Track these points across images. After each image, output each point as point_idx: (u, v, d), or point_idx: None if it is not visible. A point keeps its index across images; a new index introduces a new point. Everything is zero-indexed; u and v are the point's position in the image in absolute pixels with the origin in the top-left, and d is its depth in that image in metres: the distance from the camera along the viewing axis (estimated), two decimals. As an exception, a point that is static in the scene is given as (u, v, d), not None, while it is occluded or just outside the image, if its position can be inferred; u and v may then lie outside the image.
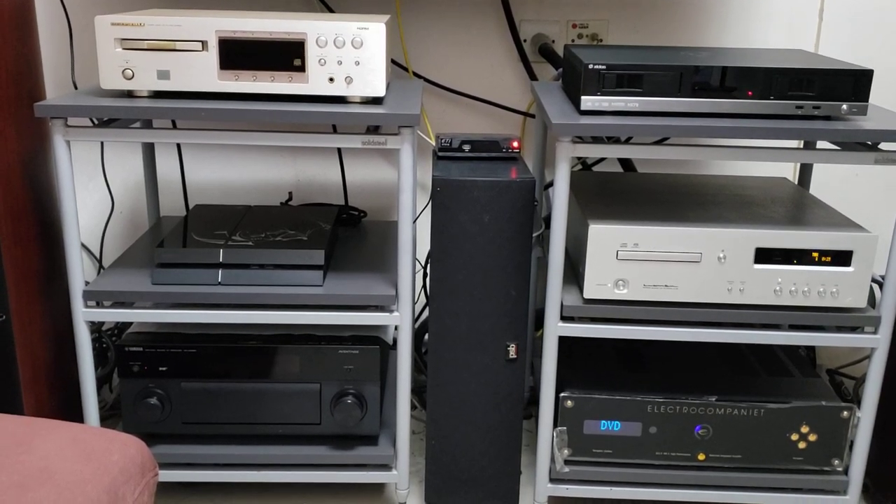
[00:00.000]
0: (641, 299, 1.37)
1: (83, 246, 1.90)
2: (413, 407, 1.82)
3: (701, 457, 1.45)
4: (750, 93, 1.31)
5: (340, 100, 1.35)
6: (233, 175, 1.90)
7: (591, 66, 1.30)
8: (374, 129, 1.42)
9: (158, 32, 1.29)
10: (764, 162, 1.88)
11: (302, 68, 1.31)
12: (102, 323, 1.75)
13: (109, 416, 1.74)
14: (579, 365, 1.57)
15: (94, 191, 1.90)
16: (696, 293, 1.36)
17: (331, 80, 1.31)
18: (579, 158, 1.87)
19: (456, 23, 1.82)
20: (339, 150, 1.88)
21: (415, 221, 1.73)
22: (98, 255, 1.92)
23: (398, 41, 1.82)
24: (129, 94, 1.34)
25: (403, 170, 1.34)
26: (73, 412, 1.57)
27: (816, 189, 1.89)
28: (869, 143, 1.34)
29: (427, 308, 1.89)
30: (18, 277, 1.41)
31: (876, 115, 1.39)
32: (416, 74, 1.84)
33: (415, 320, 1.78)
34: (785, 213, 1.46)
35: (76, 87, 1.74)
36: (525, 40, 1.82)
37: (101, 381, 1.69)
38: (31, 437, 0.94)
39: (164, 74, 1.31)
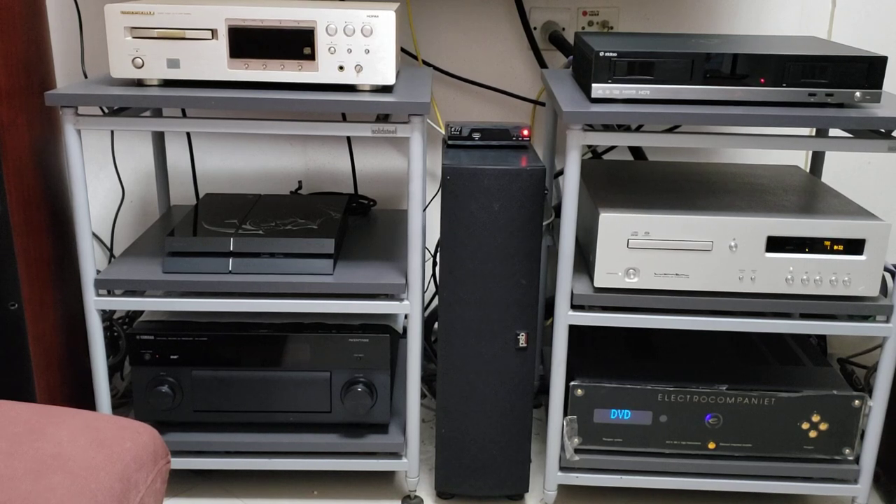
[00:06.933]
0: (652, 288, 1.37)
1: (94, 235, 1.91)
2: (423, 395, 1.82)
3: (711, 445, 1.45)
4: (762, 80, 1.30)
5: (350, 88, 1.34)
6: (243, 164, 1.90)
7: (601, 54, 1.29)
8: (383, 118, 1.41)
9: (168, 21, 1.29)
10: (776, 150, 1.86)
11: (312, 56, 1.31)
12: (114, 311, 1.76)
13: (121, 405, 1.74)
14: (589, 353, 1.56)
15: (105, 179, 1.90)
16: (707, 282, 1.36)
17: (340, 68, 1.31)
18: (589, 146, 1.86)
19: (466, 10, 1.81)
20: (348, 138, 1.88)
21: (424, 210, 1.73)
22: (109, 244, 1.93)
23: (408, 29, 1.81)
24: (140, 83, 1.34)
25: (413, 158, 1.34)
26: (84, 400, 1.58)
27: (828, 177, 1.88)
28: (882, 130, 1.33)
29: (437, 296, 1.89)
30: (30, 266, 1.42)
31: (890, 102, 1.37)
32: (425, 63, 1.83)
33: (424, 309, 1.78)
34: (797, 201, 1.45)
35: (86, 76, 1.74)
36: (535, 28, 1.81)
37: (113, 370, 1.69)
38: (44, 425, 0.94)
39: (173, 63, 1.31)
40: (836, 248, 1.34)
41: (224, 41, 1.30)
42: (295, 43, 1.30)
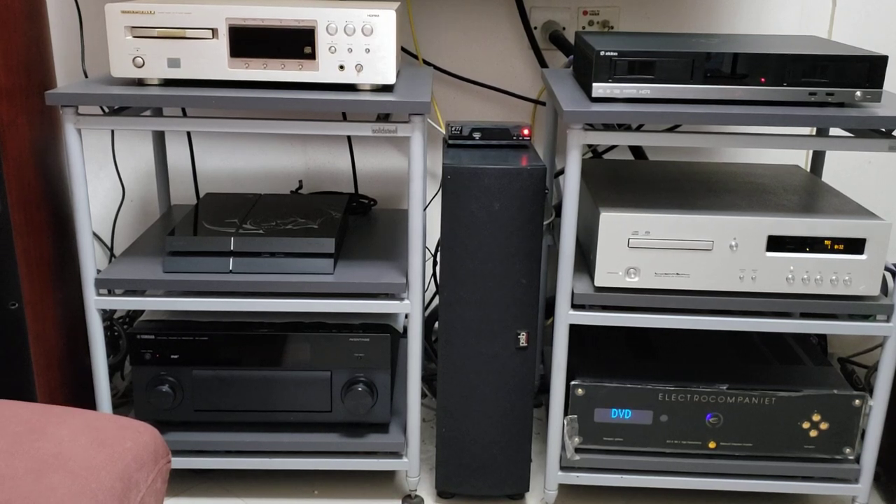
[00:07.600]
0: (653, 287, 1.36)
1: (94, 234, 1.90)
2: (423, 395, 1.82)
3: (712, 445, 1.45)
4: (762, 79, 1.30)
5: (351, 87, 1.34)
6: (243, 163, 1.90)
7: (602, 53, 1.29)
8: (384, 117, 1.41)
9: (168, 20, 1.29)
10: (776, 149, 1.87)
11: (312, 56, 1.31)
12: (114, 311, 1.76)
13: (121, 404, 1.74)
14: (590, 353, 1.56)
15: (105, 179, 1.90)
16: (707, 281, 1.36)
17: (341, 67, 1.31)
18: (590, 146, 1.86)
19: (466, 10, 1.81)
20: (349, 138, 1.88)
21: (425, 209, 1.73)
22: (109, 244, 1.93)
23: (408, 28, 1.81)
24: (140, 83, 1.34)
25: (414, 158, 1.34)
26: (85, 400, 1.58)
27: (829, 177, 1.88)
28: (883, 130, 1.33)
29: (437, 296, 1.89)
30: (31, 266, 1.42)
31: (890, 101, 1.37)
32: (425, 62, 1.83)
33: (425, 308, 1.78)
34: (797, 200, 1.45)
35: (87, 76, 1.74)
36: (535, 27, 1.81)
37: (113, 369, 1.69)
38: (45, 424, 0.94)
39: (174, 62, 1.31)
40: (836, 247, 1.34)
41: (224, 40, 1.30)
42: (295, 42, 1.30)
